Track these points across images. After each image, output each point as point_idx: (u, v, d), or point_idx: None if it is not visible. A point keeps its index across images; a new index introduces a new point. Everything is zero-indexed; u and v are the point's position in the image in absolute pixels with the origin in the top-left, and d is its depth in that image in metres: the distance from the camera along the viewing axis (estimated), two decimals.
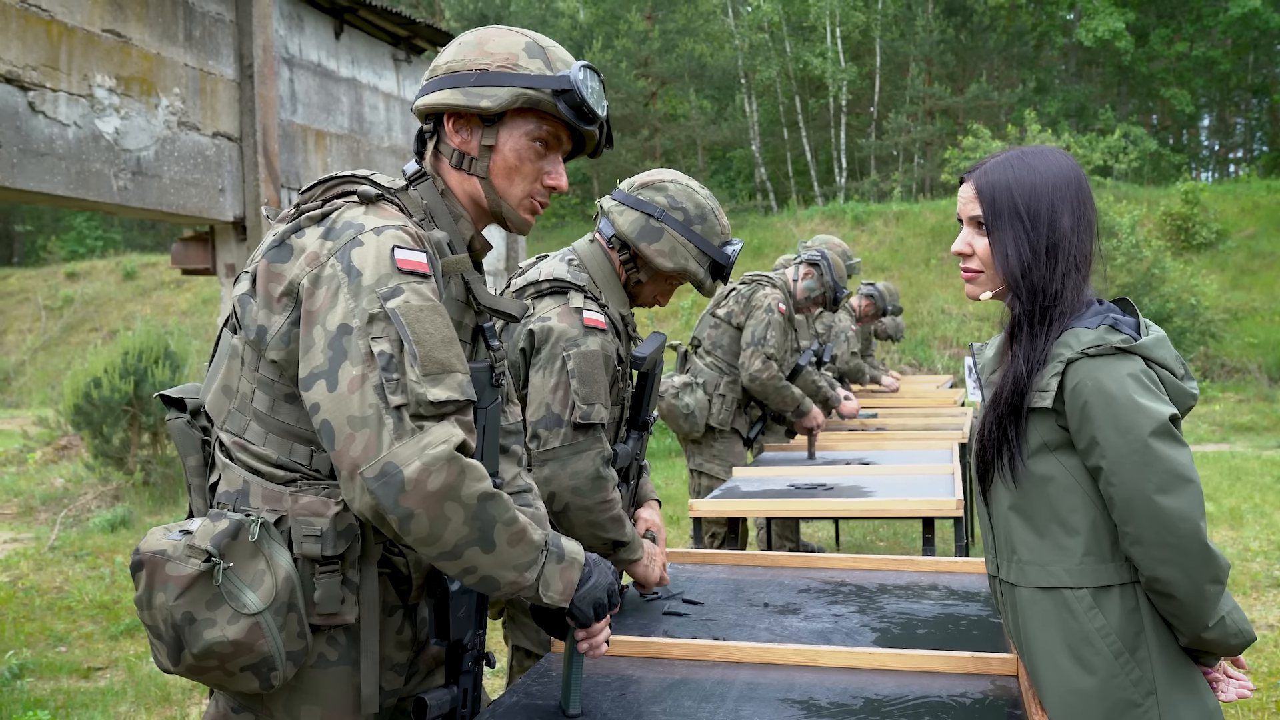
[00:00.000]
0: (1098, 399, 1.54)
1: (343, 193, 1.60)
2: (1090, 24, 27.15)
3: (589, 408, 2.20)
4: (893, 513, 3.61)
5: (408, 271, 1.47)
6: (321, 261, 1.48)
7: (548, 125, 1.66)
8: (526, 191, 1.68)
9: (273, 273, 1.52)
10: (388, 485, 1.37)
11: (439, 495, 1.38)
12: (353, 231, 1.50)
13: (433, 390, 1.42)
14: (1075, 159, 1.70)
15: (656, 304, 2.53)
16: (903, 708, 1.75)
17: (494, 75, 1.61)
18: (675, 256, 2.40)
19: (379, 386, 1.40)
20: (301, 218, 1.56)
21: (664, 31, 29.51)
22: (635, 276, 2.46)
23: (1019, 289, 1.65)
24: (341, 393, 1.41)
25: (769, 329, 4.62)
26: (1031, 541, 1.65)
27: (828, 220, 23.12)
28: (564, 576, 1.56)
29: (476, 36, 1.66)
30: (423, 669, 1.75)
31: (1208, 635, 1.56)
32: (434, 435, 1.40)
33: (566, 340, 2.24)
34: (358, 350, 1.42)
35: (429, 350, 1.44)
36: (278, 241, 1.54)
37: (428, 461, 1.38)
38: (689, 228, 2.41)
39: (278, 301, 1.51)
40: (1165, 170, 27.86)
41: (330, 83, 9.97)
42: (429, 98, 1.65)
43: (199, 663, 1.46)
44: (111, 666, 4.95)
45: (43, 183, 6.90)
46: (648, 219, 2.40)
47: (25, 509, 8.84)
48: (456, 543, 1.41)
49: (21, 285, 27.58)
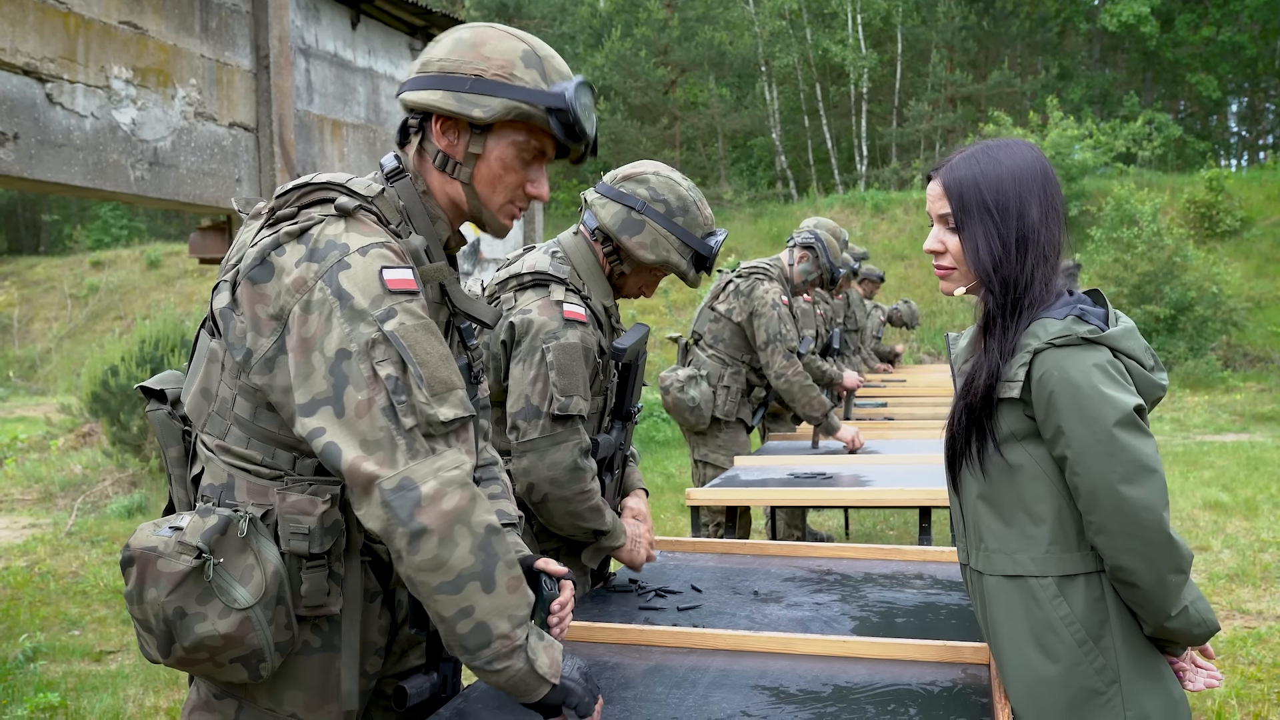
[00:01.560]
0: (1064, 389, 1.55)
1: (318, 200, 1.57)
2: (1115, 9, 26.86)
3: (567, 399, 2.23)
4: (889, 502, 3.62)
5: (398, 291, 1.47)
6: (310, 286, 1.47)
7: (536, 139, 1.64)
8: (508, 199, 1.68)
9: (258, 294, 1.51)
10: (404, 499, 1.38)
11: (452, 516, 1.40)
12: (338, 253, 1.48)
13: (441, 409, 1.44)
14: (1041, 150, 1.70)
15: (642, 295, 2.54)
16: (871, 695, 1.76)
17: (488, 83, 1.58)
18: (657, 249, 2.41)
19: (388, 409, 1.41)
20: (280, 233, 1.52)
21: (684, 19, 29.42)
22: (619, 268, 2.47)
23: (991, 283, 1.65)
24: (350, 418, 1.41)
25: (781, 324, 4.63)
26: (999, 530, 1.66)
27: (848, 208, 23.04)
28: (548, 653, 1.50)
29: (474, 36, 1.62)
30: (398, 649, 1.78)
31: (1171, 625, 1.56)
32: (447, 459, 1.42)
33: (546, 333, 2.26)
34: (360, 374, 1.42)
35: (432, 370, 1.46)
36: (259, 259, 1.51)
37: (444, 481, 1.40)
38: (670, 220, 2.42)
39: (265, 324, 1.50)
40: (1190, 157, 27.56)
41: (347, 73, 10.02)
42: (419, 95, 1.62)
43: (189, 655, 1.49)
44: (123, 650, 5.02)
45: (60, 173, 6.97)
46: (629, 211, 2.41)
47: (45, 495, 8.96)
48: (461, 571, 1.40)
49: (48, 274, 27.88)
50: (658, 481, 9.21)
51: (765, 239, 21.88)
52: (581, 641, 2.10)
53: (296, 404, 1.45)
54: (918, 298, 17.82)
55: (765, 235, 22.25)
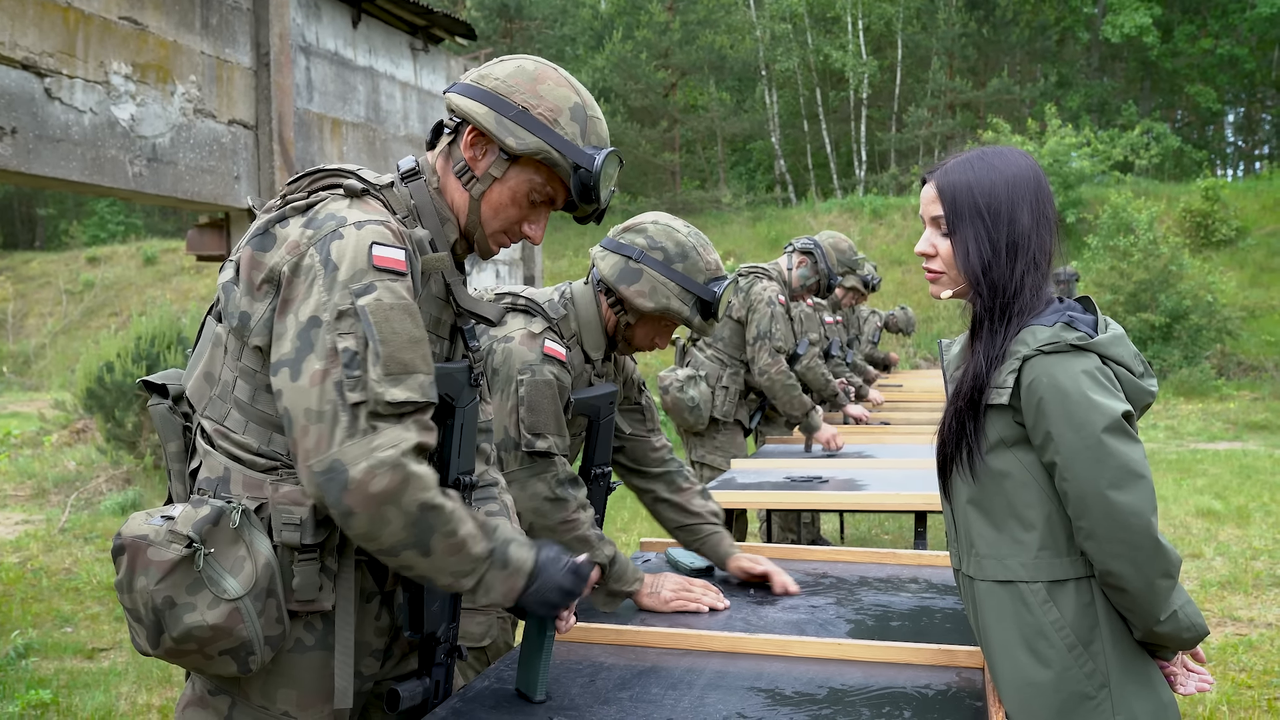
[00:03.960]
0: (1052, 395, 1.56)
1: (328, 185, 1.61)
2: (1116, 20, 26.93)
3: (534, 437, 2.23)
4: (885, 506, 3.63)
5: (383, 269, 1.49)
6: (301, 250, 1.50)
7: (551, 186, 1.69)
8: (503, 229, 1.71)
9: (256, 260, 1.54)
10: (332, 481, 1.41)
11: (379, 498, 1.42)
12: (334, 223, 1.51)
13: (392, 390, 1.44)
14: (1035, 160, 1.71)
15: (656, 347, 2.51)
16: (866, 698, 1.77)
17: (532, 120, 1.62)
18: (656, 296, 2.37)
19: (339, 383, 1.43)
20: (286, 208, 1.57)
21: (685, 23, 29.45)
22: (624, 319, 2.45)
23: (980, 286, 1.66)
24: (302, 385, 1.44)
25: (773, 321, 4.66)
26: (989, 535, 1.67)
27: (846, 213, 23.08)
28: (506, 583, 1.59)
29: (536, 71, 1.67)
30: (397, 653, 1.78)
31: (1160, 629, 1.57)
32: (385, 438, 1.43)
33: (523, 364, 2.25)
34: (324, 345, 1.44)
35: (393, 350, 1.46)
36: (262, 230, 1.56)
37: (374, 464, 1.41)
38: (669, 266, 2.38)
39: (258, 289, 1.53)
40: (1187, 166, 27.65)
41: (347, 71, 10.02)
42: (466, 102, 1.65)
43: (178, 646, 1.49)
44: (115, 647, 5.02)
45: (58, 168, 6.96)
46: (627, 261, 2.40)
47: (39, 491, 8.95)
48: (393, 544, 1.46)
49: (43, 269, 27.84)
50: None
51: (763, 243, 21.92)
52: (577, 642, 2.10)
53: (270, 362, 1.49)
54: (915, 303, 17.85)
55: (763, 239, 22.29)
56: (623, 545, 6.86)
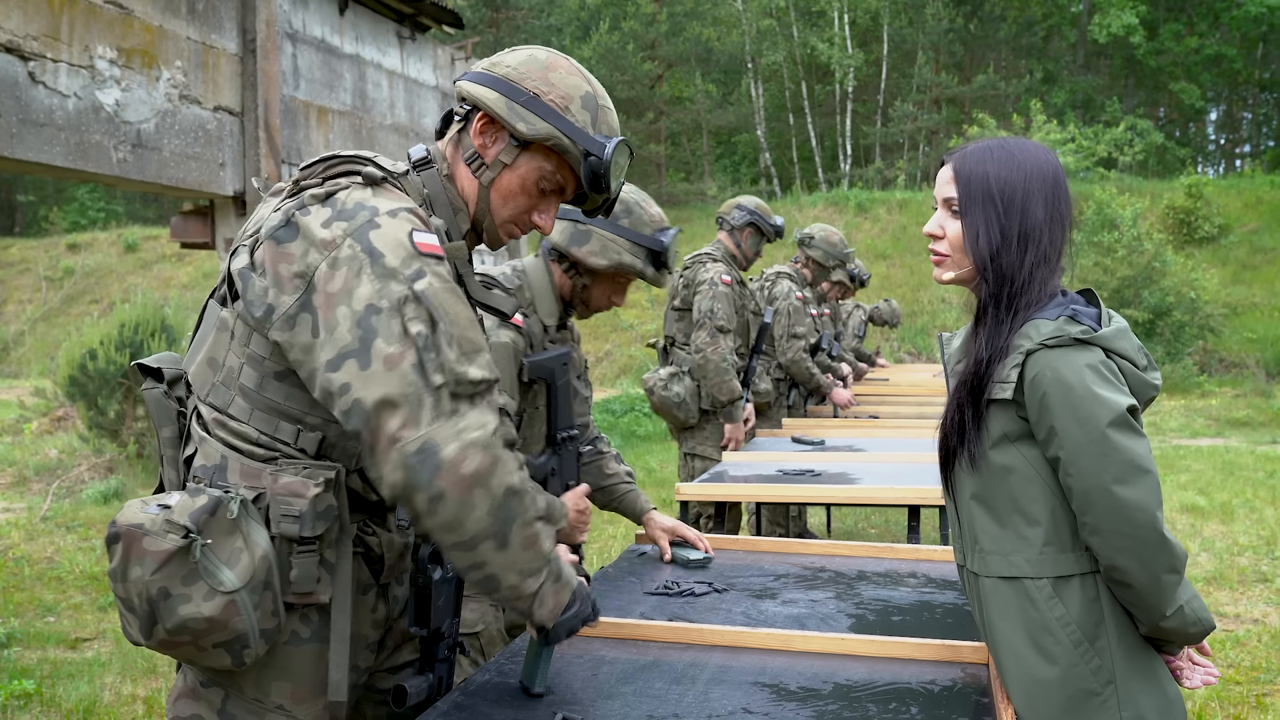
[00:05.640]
0: (1056, 389, 1.55)
1: (344, 172, 1.58)
2: (1104, 20, 27.03)
3: None
4: (878, 500, 3.63)
5: (427, 254, 1.48)
6: (338, 244, 1.46)
7: (561, 174, 1.68)
8: (513, 218, 1.71)
9: (282, 253, 1.49)
10: (425, 462, 1.37)
11: (471, 480, 1.38)
12: (367, 213, 1.49)
13: (470, 369, 1.43)
14: (1058, 158, 1.70)
15: (614, 305, 2.60)
16: (871, 694, 1.76)
17: (543, 106, 1.63)
18: (607, 253, 2.47)
19: (417, 365, 1.40)
20: (305, 194, 1.53)
21: (671, 14, 29.44)
22: (580, 282, 2.54)
23: (986, 272, 1.65)
24: (377, 370, 1.40)
25: (714, 301, 4.67)
26: (993, 531, 1.66)
27: (830, 207, 23.09)
28: (556, 598, 1.58)
29: (548, 59, 1.68)
30: (390, 645, 1.76)
31: (1166, 624, 1.57)
32: (470, 420, 1.41)
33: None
34: (390, 329, 1.41)
35: (462, 330, 1.45)
36: (284, 220, 1.51)
37: (464, 444, 1.39)
38: (616, 224, 2.49)
39: (289, 282, 1.48)
40: (1170, 164, 27.79)
41: (334, 59, 9.94)
42: (476, 88, 1.65)
43: (172, 638, 1.46)
44: (99, 637, 4.98)
45: (41, 153, 6.88)
46: (574, 225, 2.48)
47: (19, 479, 8.87)
48: (475, 533, 1.41)
49: (23, 256, 27.60)
50: (640, 476, 9.21)
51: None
52: (578, 635, 2.08)
53: (321, 360, 1.43)
54: (899, 297, 17.89)
55: None
56: (614, 534, 6.85)
